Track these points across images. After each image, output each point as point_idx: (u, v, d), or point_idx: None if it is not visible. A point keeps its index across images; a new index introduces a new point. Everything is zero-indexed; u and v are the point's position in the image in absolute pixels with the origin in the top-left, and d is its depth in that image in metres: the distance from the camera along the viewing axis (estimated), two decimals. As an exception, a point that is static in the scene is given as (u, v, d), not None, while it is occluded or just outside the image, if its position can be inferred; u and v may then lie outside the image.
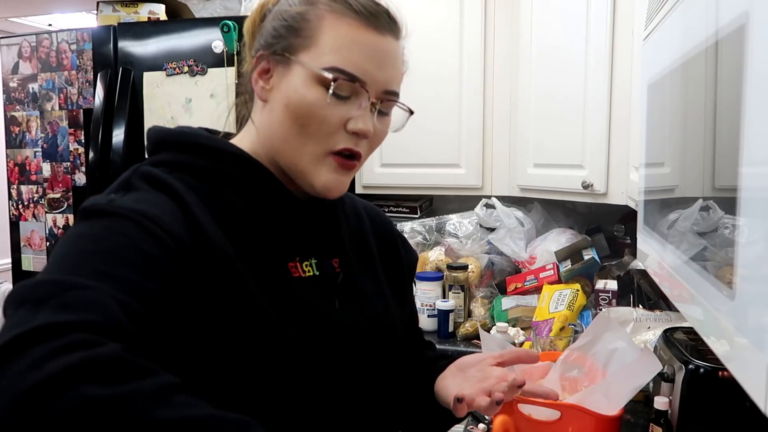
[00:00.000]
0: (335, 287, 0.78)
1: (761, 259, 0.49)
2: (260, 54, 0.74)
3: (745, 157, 0.53)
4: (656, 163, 0.99)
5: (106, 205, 0.63)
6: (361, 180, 2.28)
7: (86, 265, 0.57)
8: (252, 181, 0.74)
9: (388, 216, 0.98)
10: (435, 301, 2.03)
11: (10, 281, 2.53)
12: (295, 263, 0.75)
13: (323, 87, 0.69)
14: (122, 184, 0.68)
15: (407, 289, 0.94)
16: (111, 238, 0.60)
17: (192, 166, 0.73)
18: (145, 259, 0.60)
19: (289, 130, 0.71)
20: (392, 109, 0.77)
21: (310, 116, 0.70)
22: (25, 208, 2.37)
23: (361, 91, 0.71)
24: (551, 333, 1.69)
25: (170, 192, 0.67)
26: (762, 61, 0.50)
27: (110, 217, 0.61)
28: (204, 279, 0.64)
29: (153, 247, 0.61)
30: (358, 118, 0.71)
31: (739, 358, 0.55)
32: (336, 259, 0.79)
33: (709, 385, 1.05)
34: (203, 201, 0.69)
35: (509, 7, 2.10)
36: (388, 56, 0.73)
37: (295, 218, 0.76)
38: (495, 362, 0.82)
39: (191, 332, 0.63)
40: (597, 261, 1.95)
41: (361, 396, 0.78)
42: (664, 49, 0.90)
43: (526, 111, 2.05)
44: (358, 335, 0.77)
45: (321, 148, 0.71)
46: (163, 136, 0.77)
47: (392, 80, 0.74)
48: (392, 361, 0.85)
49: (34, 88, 2.31)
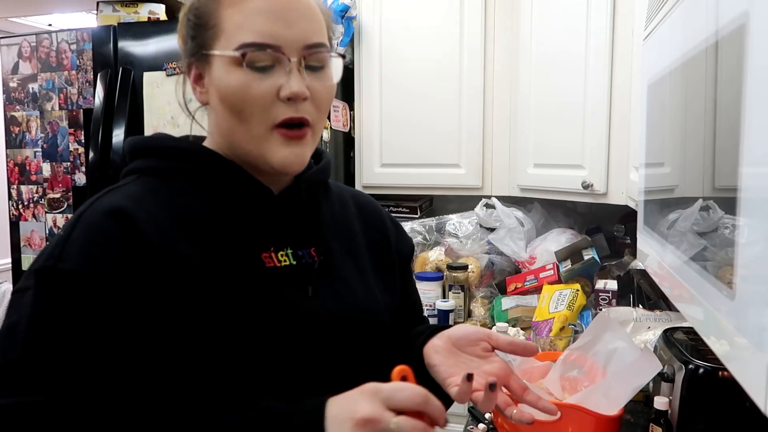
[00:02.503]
0: (310, 275, 0.77)
1: (761, 259, 0.49)
2: (188, 62, 0.76)
3: (745, 157, 0.53)
4: (656, 163, 0.99)
5: (52, 272, 0.66)
6: (361, 180, 2.28)
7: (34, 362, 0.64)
8: (217, 176, 0.75)
9: (380, 204, 0.96)
10: (435, 301, 2.03)
11: (10, 281, 2.53)
12: (269, 253, 0.75)
13: (241, 67, 0.69)
14: (75, 221, 0.70)
15: (400, 276, 0.92)
16: (57, 321, 0.65)
17: (158, 169, 0.76)
18: (89, 327, 0.65)
19: (231, 120, 0.72)
20: (327, 62, 0.74)
21: (242, 100, 0.70)
22: (25, 208, 2.37)
23: (280, 56, 0.69)
24: (551, 333, 1.69)
25: (116, 217, 0.68)
26: (762, 61, 0.50)
27: (52, 289, 0.65)
28: (159, 291, 0.67)
29: (95, 308, 0.65)
30: (286, 83, 0.69)
31: (739, 358, 0.55)
32: (313, 248, 0.79)
33: (709, 385, 1.05)
34: (164, 204, 0.72)
35: (509, 7, 2.10)
36: (296, 12, 0.70)
37: (265, 209, 0.76)
38: (491, 347, 0.79)
39: (160, 340, 0.67)
40: (597, 261, 1.95)
41: (337, 384, 0.75)
42: (664, 49, 0.90)
43: (526, 111, 2.05)
44: (332, 323, 0.77)
45: (263, 126, 0.71)
46: (133, 145, 0.79)
47: (309, 33, 0.71)
48: (375, 347, 0.82)
49: (34, 88, 2.31)
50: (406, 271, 0.96)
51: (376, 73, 2.21)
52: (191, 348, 0.68)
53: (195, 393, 0.68)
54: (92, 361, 0.65)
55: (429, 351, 0.80)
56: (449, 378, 0.76)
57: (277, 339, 0.72)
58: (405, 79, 2.19)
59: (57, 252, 0.66)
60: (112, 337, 0.66)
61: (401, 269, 0.93)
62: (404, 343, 0.87)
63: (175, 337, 0.67)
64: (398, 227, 0.95)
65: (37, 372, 0.63)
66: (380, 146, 2.25)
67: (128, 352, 0.66)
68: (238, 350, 0.69)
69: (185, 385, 0.68)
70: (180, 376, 0.68)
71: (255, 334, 0.70)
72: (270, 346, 0.71)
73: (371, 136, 2.25)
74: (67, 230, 0.69)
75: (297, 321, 0.74)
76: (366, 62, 2.22)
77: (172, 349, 0.68)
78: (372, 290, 0.84)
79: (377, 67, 2.21)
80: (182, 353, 0.68)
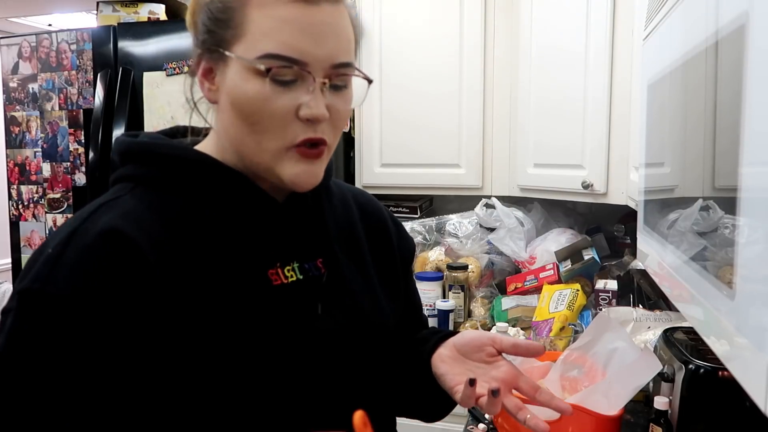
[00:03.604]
0: (318, 290, 0.75)
1: (761, 259, 0.49)
2: (198, 54, 0.70)
3: (745, 157, 0.53)
4: (656, 163, 0.99)
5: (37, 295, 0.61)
6: (361, 180, 2.28)
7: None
8: (220, 187, 0.70)
9: (380, 203, 0.93)
10: (435, 301, 2.03)
11: (10, 281, 2.53)
12: (275, 270, 0.72)
13: (262, 78, 0.64)
14: (66, 238, 0.64)
15: (403, 279, 0.90)
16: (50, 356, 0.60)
17: (155, 178, 0.71)
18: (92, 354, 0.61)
19: (242, 130, 0.67)
20: (350, 81, 0.70)
21: (257, 112, 0.65)
22: (25, 208, 2.37)
23: (305, 74, 0.64)
24: (551, 333, 1.69)
25: (113, 239, 0.63)
26: (762, 61, 0.50)
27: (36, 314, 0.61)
28: (158, 318, 0.63)
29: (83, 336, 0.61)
30: (308, 103, 0.64)
31: (739, 358, 0.55)
32: (320, 259, 0.76)
33: (709, 385, 1.05)
34: (164, 220, 0.67)
35: (509, 7, 2.10)
36: (327, 27, 0.65)
37: (271, 221, 0.72)
38: (496, 351, 0.78)
39: (163, 368, 0.64)
40: (597, 261, 1.95)
41: (347, 402, 0.74)
42: (664, 49, 0.90)
43: (526, 111, 2.05)
44: (341, 339, 0.75)
45: (279, 143, 0.66)
46: (126, 147, 0.74)
47: (337, 52, 0.66)
48: (382, 358, 0.81)
49: (34, 88, 2.31)
50: (407, 272, 0.94)
51: (375, 72, 2.21)
52: (199, 376, 0.65)
53: (203, 419, 0.66)
54: (81, 390, 0.61)
55: (436, 361, 0.80)
56: (455, 386, 0.76)
57: (287, 360, 0.70)
58: (405, 79, 2.19)
59: (45, 273, 0.61)
60: (103, 367, 0.61)
61: (403, 270, 0.92)
62: (409, 349, 0.86)
63: (181, 366, 0.64)
64: (399, 227, 0.93)
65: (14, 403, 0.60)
66: (380, 146, 2.25)
67: (121, 380, 0.63)
68: (248, 374, 0.67)
69: (191, 412, 0.66)
70: (185, 405, 0.66)
71: (265, 357, 0.68)
72: (280, 368, 0.69)
73: (371, 136, 2.25)
74: (56, 249, 0.62)
75: (307, 341, 0.72)
76: (366, 62, 2.22)
77: (176, 377, 0.64)
78: (378, 299, 0.82)
79: (377, 67, 2.21)
80: (189, 382, 0.65)
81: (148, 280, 0.63)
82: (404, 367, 0.86)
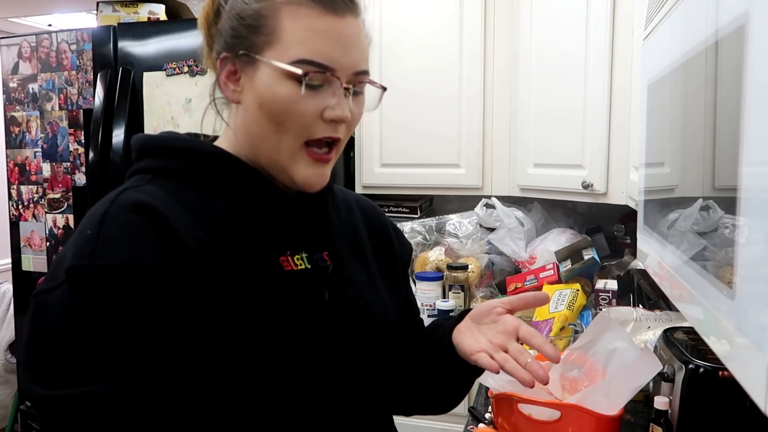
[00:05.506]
0: (325, 279, 0.78)
1: (761, 259, 0.49)
2: (224, 56, 0.73)
3: (745, 157, 0.53)
4: (656, 163, 0.99)
5: (87, 269, 0.63)
6: (361, 180, 2.28)
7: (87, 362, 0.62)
8: (235, 179, 0.75)
9: (382, 210, 0.98)
10: (435, 301, 2.03)
11: (10, 281, 2.53)
12: (286, 257, 0.76)
13: (295, 81, 0.69)
14: (101, 219, 0.66)
15: (402, 281, 0.95)
16: (100, 322, 0.62)
17: (173, 170, 0.74)
18: (136, 322, 0.63)
19: (267, 128, 0.72)
20: (365, 87, 0.77)
21: (287, 112, 0.70)
22: (25, 208, 2.37)
23: (333, 79, 0.71)
24: (551, 333, 1.69)
25: (147, 212, 0.66)
26: (762, 61, 0.50)
27: (89, 286, 0.62)
28: (193, 289, 0.66)
29: (137, 303, 0.63)
30: (334, 106, 0.71)
31: (739, 358, 0.55)
32: (326, 252, 0.80)
33: (709, 385, 1.05)
34: (185, 205, 0.70)
35: (509, 7, 2.10)
36: (352, 38, 0.72)
37: (283, 213, 0.77)
38: (505, 310, 0.82)
39: (194, 335, 0.66)
40: (597, 261, 1.95)
41: (351, 387, 0.79)
42: (664, 49, 0.90)
43: (526, 111, 2.05)
44: (347, 327, 0.78)
45: (299, 140, 0.72)
46: (143, 143, 0.77)
47: (359, 60, 0.73)
48: (385, 351, 0.85)
49: (34, 88, 2.31)
50: (406, 274, 0.98)
51: (376, 74, 2.21)
52: (217, 345, 0.68)
53: (216, 391, 0.68)
54: (150, 352, 0.63)
55: (455, 335, 0.84)
56: (472, 352, 0.79)
57: (296, 342, 0.72)
58: (405, 81, 2.19)
59: (89, 250, 0.63)
60: (162, 331, 0.64)
61: (402, 273, 0.96)
62: (426, 334, 0.92)
63: (206, 334, 0.67)
64: (398, 232, 0.97)
65: (108, 362, 0.62)
66: (380, 146, 2.25)
67: (174, 346, 0.65)
68: (258, 352, 0.70)
69: (209, 382, 0.68)
70: (206, 373, 0.68)
71: (276, 337, 0.71)
72: (290, 350, 0.72)
73: (371, 136, 2.26)
74: (94, 230, 0.65)
75: (315, 325, 0.74)
76: (366, 62, 2.22)
77: (200, 344, 0.67)
78: (381, 295, 0.86)
79: (377, 69, 2.20)
80: (209, 350, 0.67)
81: (181, 249, 0.66)
82: (421, 350, 0.90)
